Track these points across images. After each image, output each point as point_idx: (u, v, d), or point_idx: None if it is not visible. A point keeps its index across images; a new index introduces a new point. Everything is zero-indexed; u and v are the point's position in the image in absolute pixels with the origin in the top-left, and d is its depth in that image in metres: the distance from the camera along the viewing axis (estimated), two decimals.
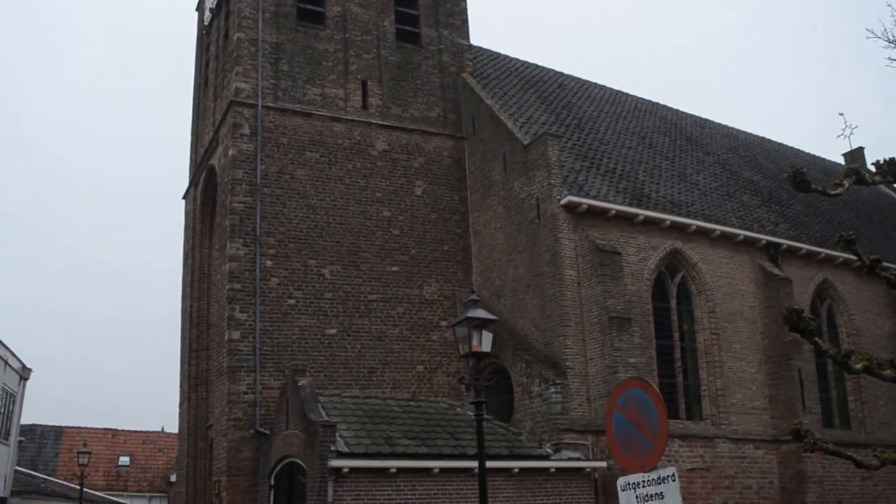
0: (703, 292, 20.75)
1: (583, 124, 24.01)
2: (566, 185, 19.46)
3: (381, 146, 21.75)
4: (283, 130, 20.62)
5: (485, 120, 22.32)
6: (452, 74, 23.78)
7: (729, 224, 21.82)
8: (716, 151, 27.34)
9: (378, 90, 22.42)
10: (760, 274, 21.65)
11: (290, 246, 19.67)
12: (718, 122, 30.70)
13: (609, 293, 18.38)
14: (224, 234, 19.71)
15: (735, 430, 19.68)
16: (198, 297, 22.67)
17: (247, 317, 18.64)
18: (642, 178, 22.12)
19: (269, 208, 19.74)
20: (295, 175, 20.32)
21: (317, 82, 21.65)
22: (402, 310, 20.52)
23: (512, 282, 20.34)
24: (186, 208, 24.98)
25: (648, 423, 10.15)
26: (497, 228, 21.18)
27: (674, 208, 21.17)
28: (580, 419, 17.74)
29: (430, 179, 22.16)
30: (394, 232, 21.11)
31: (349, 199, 20.80)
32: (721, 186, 24.33)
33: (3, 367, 25.63)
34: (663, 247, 20.45)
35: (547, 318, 18.89)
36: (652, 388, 10.43)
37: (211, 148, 22.18)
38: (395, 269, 20.82)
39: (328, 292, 19.73)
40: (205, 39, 26.01)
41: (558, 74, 27.38)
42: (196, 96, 26.19)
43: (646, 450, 10.14)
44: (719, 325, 20.58)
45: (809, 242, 23.28)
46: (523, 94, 24.29)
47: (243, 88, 20.54)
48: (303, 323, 19.19)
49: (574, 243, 19.05)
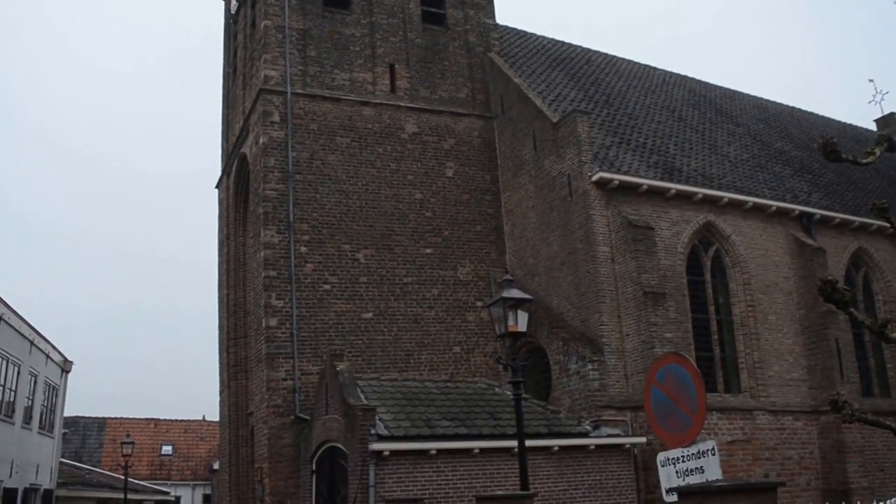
0: (738, 265, 20.67)
1: (612, 100, 23.90)
2: (597, 161, 19.42)
3: (410, 129, 21.82)
4: (313, 116, 20.74)
5: (513, 99, 22.29)
6: (479, 54, 23.75)
7: (761, 195, 21.67)
8: (746, 123, 27.11)
9: (406, 73, 22.46)
10: (794, 244, 21.52)
11: (324, 231, 19.84)
12: (748, 94, 30.41)
13: (643, 268, 18.38)
14: (258, 221, 19.91)
15: (774, 402, 19.65)
16: (234, 285, 22.93)
17: (283, 303, 18.86)
18: (673, 152, 22.02)
19: (302, 195, 19.90)
20: (326, 161, 20.46)
21: (345, 67, 21.72)
22: (437, 291, 20.66)
23: (546, 260, 20.38)
24: (220, 197, 25.23)
25: (686, 398, 10.22)
26: (529, 207, 21.21)
27: (705, 181, 21.07)
28: (618, 395, 17.80)
29: (461, 160, 22.21)
30: (426, 214, 21.21)
31: (381, 183, 20.91)
32: (752, 158, 24.15)
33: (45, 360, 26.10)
34: (696, 220, 20.37)
35: (582, 296, 18.93)
36: (689, 362, 10.49)
37: (242, 136, 22.36)
38: (429, 251, 20.93)
39: (363, 276, 19.90)
40: (232, 28, 26.16)
41: (586, 51, 27.23)
42: (225, 85, 26.37)
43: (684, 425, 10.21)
44: (754, 297, 20.50)
45: (843, 211, 23.08)
46: (551, 72, 24.22)
47: (272, 76, 20.66)
48: (339, 308, 19.38)
49: (606, 219, 19.03)
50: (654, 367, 11.07)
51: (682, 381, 10.38)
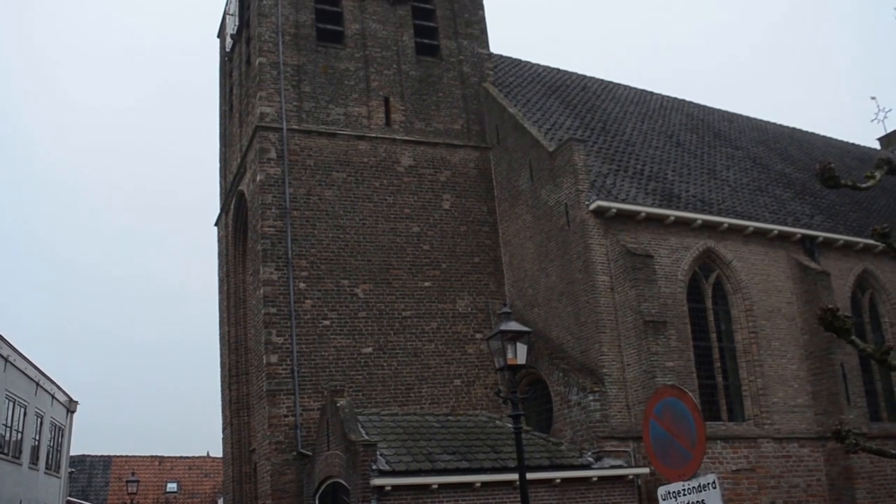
0: (739, 291, 20.52)
1: (608, 126, 23.89)
2: (594, 189, 19.37)
3: (406, 162, 21.83)
4: (309, 152, 20.78)
5: (509, 129, 22.30)
6: (474, 85, 23.80)
7: (762, 219, 21.55)
8: (745, 146, 27.04)
9: (401, 106, 22.51)
10: (797, 268, 21.35)
11: (323, 267, 19.81)
12: (746, 116, 30.37)
13: (643, 297, 18.25)
14: (257, 258, 19.90)
15: (778, 430, 19.42)
16: (234, 322, 22.92)
17: (283, 340, 18.81)
18: (671, 178, 21.95)
19: (300, 231, 19.90)
20: (323, 196, 20.46)
21: (339, 102, 21.78)
22: (436, 325, 20.56)
23: (545, 290, 20.28)
24: (219, 234, 25.26)
25: (685, 432, 10.08)
26: (527, 238, 21.14)
27: (705, 207, 20.97)
28: (620, 426, 17.62)
29: (458, 192, 22.18)
30: (424, 247, 21.16)
31: (378, 217, 20.89)
32: (752, 181, 24.05)
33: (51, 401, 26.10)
34: (696, 247, 20.26)
35: (582, 326, 18.81)
36: (687, 395, 10.36)
37: (239, 174, 22.41)
38: (428, 284, 20.86)
39: (362, 311, 19.84)
40: (227, 66, 26.30)
41: (581, 77, 27.27)
42: (222, 123, 26.47)
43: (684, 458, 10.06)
44: (757, 324, 20.33)
45: (846, 233, 22.91)
46: (546, 100, 24.23)
47: (268, 112, 20.73)
48: (339, 343, 19.31)
49: (605, 248, 18.94)
50: (653, 401, 10.95)
51: (681, 415, 10.24)
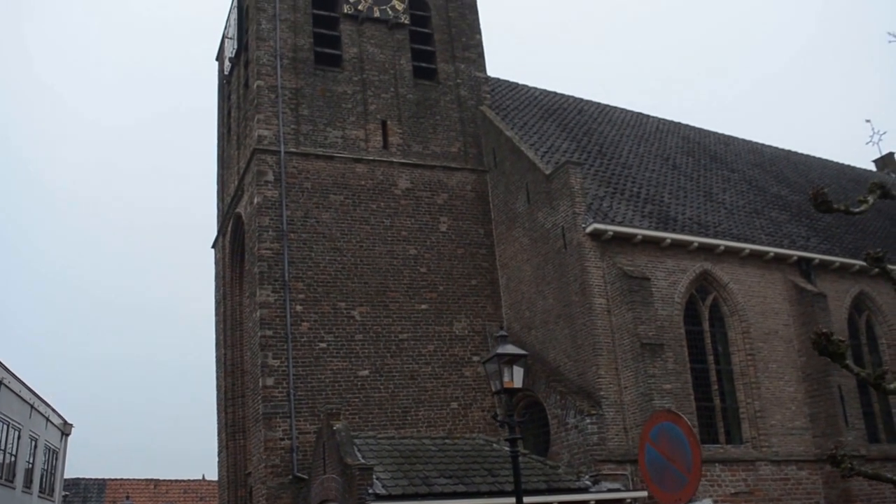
0: (736, 313, 20.54)
1: (605, 149, 23.99)
2: (591, 212, 19.42)
3: (403, 184, 21.89)
4: (307, 175, 20.84)
5: (506, 152, 22.37)
6: (471, 108, 23.91)
7: (758, 242, 21.60)
8: (741, 168, 27.14)
9: (398, 129, 22.60)
10: (794, 291, 21.38)
11: (319, 290, 19.80)
12: (742, 138, 30.49)
13: (640, 320, 18.25)
14: (253, 281, 19.91)
15: (776, 452, 19.38)
16: (231, 344, 22.89)
17: (280, 363, 18.78)
18: (668, 201, 22.01)
19: (297, 253, 19.91)
20: (320, 219, 20.50)
21: (337, 125, 21.87)
22: (433, 347, 20.54)
23: (542, 313, 20.28)
24: (216, 257, 25.27)
25: (681, 457, 10.09)
26: (524, 260, 21.16)
27: (701, 229, 21.02)
28: (618, 449, 17.57)
29: (455, 215, 22.23)
30: (421, 270, 21.18)
31: (375, 240, 20.92)
32: (748, 204, 24.13)
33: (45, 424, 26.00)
34: (692, 269, 20.28)
35: (579, 349, 18.79)
36: (683, 420, 10.37)
37: (237, 196, 22.46)
38: (424, 306, 20.86)
39: (359, 334, 19.82)
40: (226, 89, 26.44)
41: (578, 100, 27.40)
42: (220, 146, 26.57)
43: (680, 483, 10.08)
44: (754, 346, 20.33)
45: (842, 255, 22.95)
46: (543, 123, 24.34)
47: (265, 135, 20.81)
48: (335, 366, 19.28)
49: (602, 271, 18.95)
50: (648, 426, 10.96)
51: (677, 440, 10.26)
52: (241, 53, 24.17)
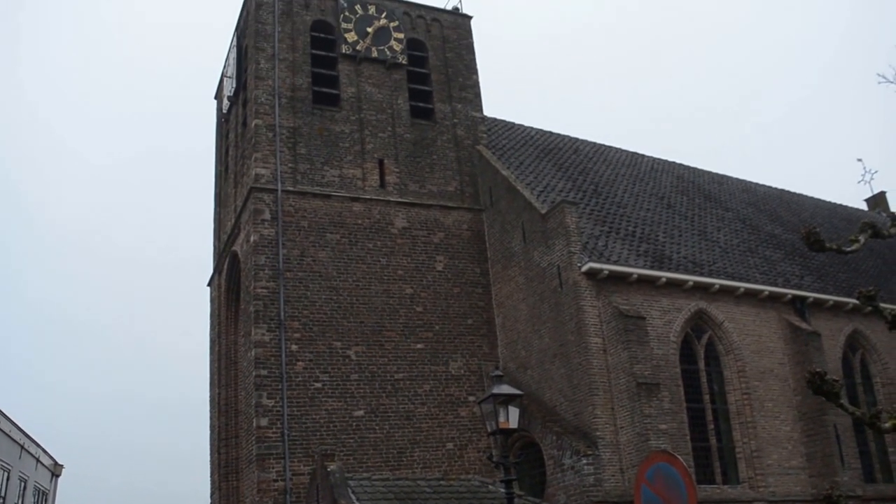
0: (731, 352, 20.56)
1: (600, 189, 24.13)
2: (586, 251, 19.49)
3: (400, 223, 21.97)
4: (304, 213, 20.91)
5: (502, 191, 22.50)
6: (468, 147, 24.09)
7: (753, 280, 21.68)
8: (735, 207, 27.30)
9: (395, 168, 22.74)
10: (788, 329, 21.44)
11: (315, 329, 19.79)
12: (736, 177, 30.71)
13: (636, 359, 18.25)
14: (249, 319, 19.88)
15: (773, 493, 19.29)
16: (225, 384, 22.80)
17: (274, 403, 18.70)
18: (662, 240, 22.11)
19: (293, 292, 19.91)
20: (316, 257, 20.54)
21: (334, 163, 22.00)
22: (428, 387, 20.49)
23: (538, 352, 20.27)
24: (212, 295, 25.25)
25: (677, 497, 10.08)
26: (520, 299, 21.20)
27: (696, 268, 21.11)
28: (614, 490, 17.47)
29: (451, 254, 22.30)
30: (417, 309, 21.19)
31: (371, 279, 20.95)
32: (742, 242, 24.24)
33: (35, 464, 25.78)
34: (688, 308, 20.33)
35: (575, 388, 18.77)
36: (678, 461, 10.37)
37: (233, 234, 22.51)
38: (420, 346, 20.85)
39: (354, 374, 19.77)
40: (224, 128, 26.61)
41: (573, 140, 27.61)
42: (217, 184, 26.68)
43: None
44: (750, 385, 20.32)
45: (836, 293, 23.04)
46: (539, 163, 24.51)
47: (263, 174, 20.91)
48: (330, 406, 19.20)
49: (597, 310, 18.99)
50: (644, 466, 10.95)
51: (672, 480, 10.24)
52: (239, 92, 24.38)
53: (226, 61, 26.47)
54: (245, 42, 24.02)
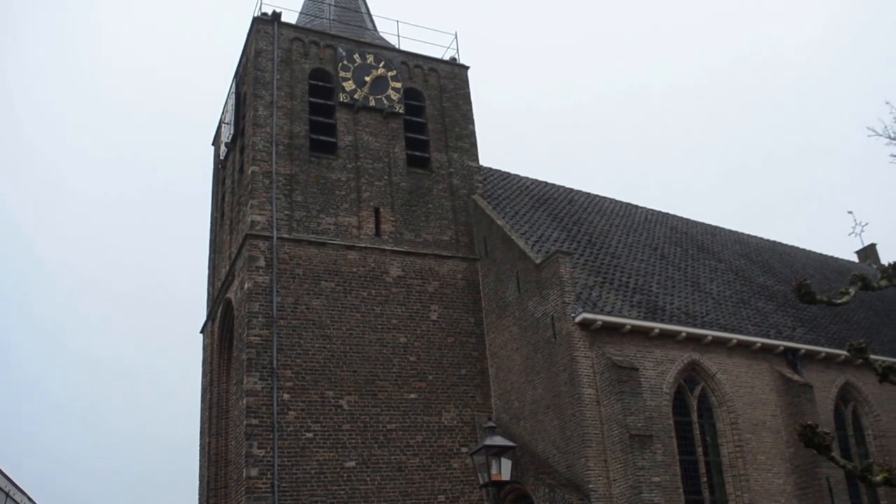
0: (724, 404, 20.57)
1: (594, 239, 24.29)
2: (580, 301, 19.58)
3: (395, 272, 22.06)
4: (298, 261, 20.98)
5: (497, 240, 22.64)
6: (463, 197, 24.27)
7: (745, 332, 21.77)
8: (728, 258, 27.49)
9: (391, 216, 22.88)
10: (780, 381, 21.49)
11: (307, 378, 19.74)
12: (728, 229, 30.96)
13: (629, 410, 18.23)
14: (241, 367, 19.81)
15: None
16: (215, 433, 22.65)
17: (265, 453, 18.54)
18: (656, 290, 22.22)
19: (286, 340, 19.90)
20: (310, 305, 20.57)
21: (330, 211, 22.13)
22: (421, 438, 20.40)
23: (531, 403, 20.25)
24: (204, 342, 25.19)
25: None
26: (514, 349, 21.23)
27: (689, 319, 21.19)
28: None
29: (446, 303, 22.35)
30: (410, 358, 21.18)
31: (365, 327, 20.96)
32: (735, 294, 24.38)
33: None
34: (681, 359, 20.38)
35: (568, 440, 18.73)
36: None
37: (227, 281, 22.54)
38: (413, 396, 20.80)
39: (346, 424, 19.68)
40: (220, 174, 26.78)
41: (568, 190, 27.84)
42: (212, 230, 26.77)
43: None
44: (742, 437, 20.31)
45: (828, 345, 23.15)
46: (534, 213, 24.68)
47: (258, 221, 21.00)
48: (321, 456, 19.07)
49: (591, 361, 19.02)
50: None
51: None
52: (237, 139, 24.58)
53: (224, 108, 26.72)
54: (244, 89, 24.28)
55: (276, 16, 24.15)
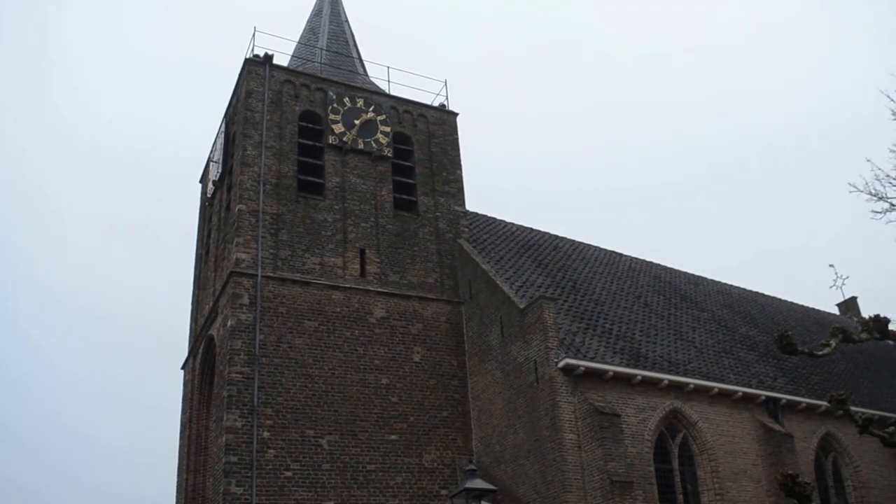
0: (705, 452, 20.56)
1: (578, 286, 24.42)
2: (563, 347, 19.62)
3: (379, 313, 22.06)
4: (282, 300, 20.96)
5: (482, 284, 22.73)
6: (449, 240, 24.41)
7: (727, 381, 21.85)
8: (710, 308, 27.67)
9: (376, 258, 22.95)
10: (761, 430, 21.53)
11: (288, 416, 19.62)
12: (711, 279, 31.21)
13: (610, 456, 18.19)
14: (221, 405, 19.67)
15: None
16: (193, 469, 22.41)
17: (243, 490, 18.34)
18: (639, 338, 22.31)
19: (267, 378, 19.80)
20: (293, 344, 20.52)
21: (316, 251, 22.18)
22: (401, 479, 20.25)
23: (512, 447, 20.18)
24: (185, 379, 25.05)
25: None
26: (496, 393, 21.20)
27: (671, 367, 21.26)
28: None
29: (429, 345, 22.35)
30: (392, 399, 21.11)
31: (347, 368, 20.91)
32: (717, 343, 24.50)
33: None
34: (662, 407, 20.41)
35: (548, 485, 18.64)
36: None
37: (210, 318, 22.48)
38: (394, 437, 20.68)
39: (326, 463, 19.52)
40: (207, 211, 26.84)
41: (553, 237, 28.05)
42: (197, 266, 26.76)
43: None
44: (723, 486, 20.27)
45: (809, 395, 23.25)
46: (519, 258, 24.83)
47: (243, 259, 21.01)
48: (300, 496, 18.86)
49: (573, 406, 19.01)
50: None
51: None
52: (224, 177, 24.69)
53: (213, 146, 26.89)
54: (233, 129, 24.45)
55: (268, 58, 24.42)
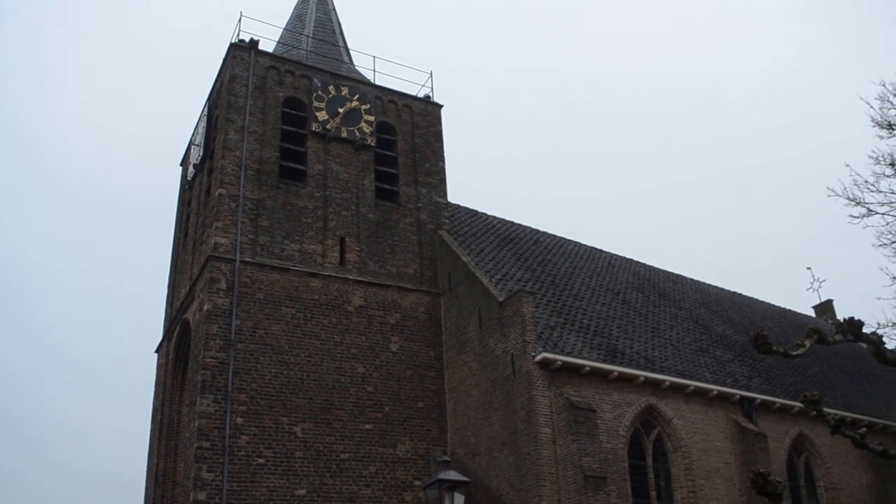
0: (679, 449, 20.61)
1: (557, 280, 24.41)
2: (541, 341, 19.59)
3: (357, 302, 21.95)
4: (260, 285, 20.80)
5: (461, 276, 22.66)
6: (430, 231, 24.31)
7: (703, 379, 21.90)
8: (688, 307, 27.75)
9: (356, 246, 22.82)
10: (735, 429, 21.60)
11: (262, 402, 19.47)
12: (690, 278, 31.33)
13: (584, 451, 18.19)
14: (195, 389, 19.48)
15: None
16: (164, 454, 22.21)
17: (214, 476, 18.16)
18: (616, 334, 22.33)
19: (242, 364, 19.64)
20: (270, 330, 20.36)
21: (295, 238, 22.02)
22: (374, 469, 20.16)
23: (487, 440, 20.14)
24: (159, 362, 24.82)
25: None
26: (472, 385, 21.15)
27: (648, 364, 21.28)
28: None
29: (406, 335, 22.26)
30: (368, 389, 21.01)
31: (324, 355, 20.78)
32: (694, 342, 24.57)
33: None
34: (638, 403, 20.43)
35: (522, 478, 18.61)
36: None
37: (187, 302, 22.28)
38: (369, 426, 20.59)
39: (299, 451, 19.39)
40: (187, 194, 26.60)
41: (534, 231, 28.04)
42: (175, 250, 26.52)
43: None
44: (696, 483, 20.33)
45: (783, 396, 23.35)
46: (499, 251, 24.79)
47: (222, 243, 20.82)
48: (272, 483, 18.73)
49: (549, 400, 18.99)
50: None
51: None
52: (205, 161, 24.46)
53: (195, 129, 26.62)
54: (216, 113, 24.22)
55: (253, 43, 24.20)
